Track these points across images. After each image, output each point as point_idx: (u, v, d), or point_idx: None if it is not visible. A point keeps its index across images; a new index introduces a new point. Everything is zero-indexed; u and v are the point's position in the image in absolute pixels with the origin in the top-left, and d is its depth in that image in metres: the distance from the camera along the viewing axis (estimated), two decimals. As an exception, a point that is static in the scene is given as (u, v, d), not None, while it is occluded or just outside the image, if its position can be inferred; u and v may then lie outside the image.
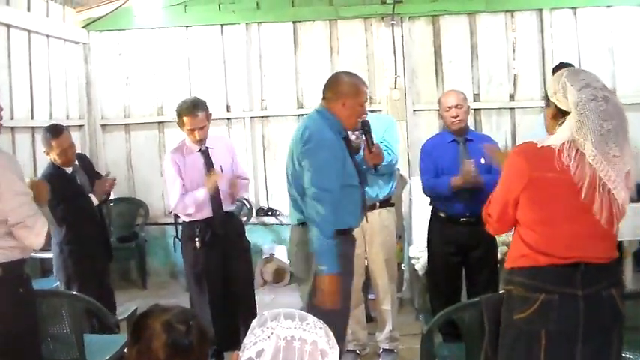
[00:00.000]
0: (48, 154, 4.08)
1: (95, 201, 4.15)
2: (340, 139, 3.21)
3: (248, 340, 1.37)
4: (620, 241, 4.65)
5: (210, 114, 4.07)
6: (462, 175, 3.76)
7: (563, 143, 2.19)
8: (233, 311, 4.01)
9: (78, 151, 6.23)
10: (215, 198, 4.01)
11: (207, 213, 4.00)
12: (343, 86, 3.23)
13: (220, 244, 4.01)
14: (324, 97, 3.29)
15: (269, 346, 1.33)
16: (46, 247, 3.18)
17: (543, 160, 2.22)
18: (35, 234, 2.70)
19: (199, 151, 4.03)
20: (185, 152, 4.05)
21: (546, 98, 2.35)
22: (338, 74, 3.39)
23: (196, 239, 3.97)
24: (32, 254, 3.09)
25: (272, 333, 1.34)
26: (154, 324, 1.61)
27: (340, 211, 3.08)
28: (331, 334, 1.39)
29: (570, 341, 2.22)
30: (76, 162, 4.19)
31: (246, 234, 4.32)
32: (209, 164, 4.02)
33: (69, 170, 4.12)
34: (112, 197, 5.13)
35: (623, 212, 2.23)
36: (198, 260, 4.00)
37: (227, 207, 4.08)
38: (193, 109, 3.89)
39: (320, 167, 3.06)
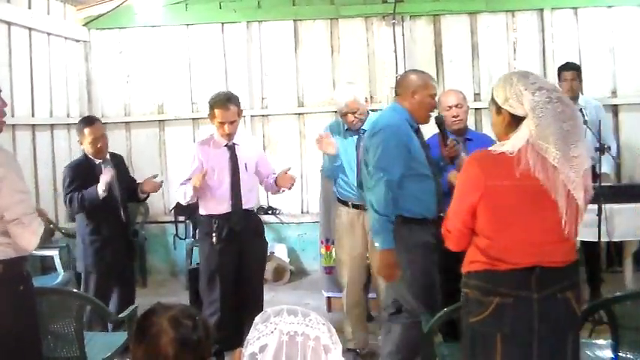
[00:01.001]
0: (81, 143, 4.24)
1: (101, 192, 4.07)
2: (411, 130, 3.34)
3: (251, 335, 1.37)
4: (621, 242, 4.66)
5: (242, 110, 4.12)
6: (446, 151, 3.66)
7: (521, 148, 2.17)
8: (241, 311, 3.99)
9: (77, 150, 6.30)
10: (235, 193, 4.02)
11: (226, 208, 4.01)
12: (412, 80, 3.40)
13: (237, 241, 4.02)
14: (396, 94, 3.47)
15: (272, 342, 1.33)
16: (42, 245, 3.18)
17: (499, 168, 2.21)
18: (30, 232, 2.68)
19: (226, 145, 4.05)
20: (212, 145, 4.08)
21: (496, 106, 2.31)
22: (406, 72, 3.63)
23: (213, 234, 3.99)
24: (33, 252, 3.08)
25: (275, 328, 1.34)
26: (160, 321, 1.60)
27: (407, 198, 3.23)
28: (334, 330, 1.39)
29: (526, 343, 2.22)
30: (108, 157, 4.31)
31: (265, 235, 4.32)
32: (234, 160, 4.04)
33: (97, 161, 4.22)
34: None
35: (582, 213, 2.23)
36: (214, 256, 4.02)
37: (247, 204, 4.09)
38: (226, 101, 3.94)
39: (380, 148, 3.23)
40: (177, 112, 6.65)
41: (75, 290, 4.01)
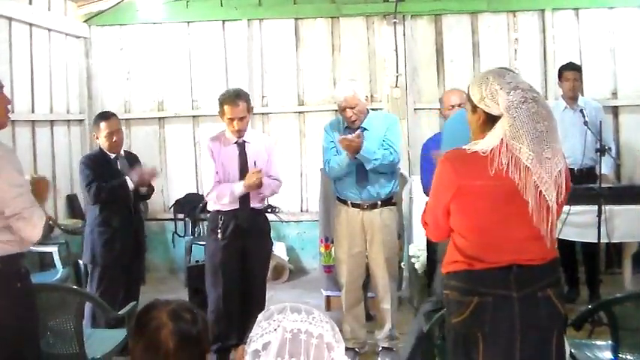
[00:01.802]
0: (97, 137, 4.30)
1: (131, 184, 4.17)
2: None
3: (254, 332, 1.37)
4: (620, 243, 4.66)
5: (252, 107, 4.13)
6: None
7: (494, 148, 2.17)
8: (243, 308, 3.99)
9: (76, 147, 6.32)
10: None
11: (233, 205, 4.02)
12: None
13: (241, 239, 4.02)
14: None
15: (275, 339, 1.32)
16: (44, 241, 3.18)
17: (472, 167, 2.21)
18: (32, 226, 2.68)
19: (236, 142, 4.05)
20: (222, 142, 4.08)
21: (471, 105, 2.30)
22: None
23: (218, 230, 4.00)
24: (31, 248, 3.08)
25: (279, 326, 1.34)
26: (159, 315, 1.59)
27: None
28: (337, 328, 1.39)
29: (508, 342, 2.21)
30: (123, 153, 4.36)
31: (271, 235, 4.31)
32: (243, 157, 4.05)
33: (112, 156, 4.28)
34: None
35: (558, 212, 2.22)
36: (218, 252, 4.02)
37: (255, 203, 4.09)
38: (235, 98, 3.96)
39: None
40: (178, 109, 6.64)
41: (74, 287, 4.01)
